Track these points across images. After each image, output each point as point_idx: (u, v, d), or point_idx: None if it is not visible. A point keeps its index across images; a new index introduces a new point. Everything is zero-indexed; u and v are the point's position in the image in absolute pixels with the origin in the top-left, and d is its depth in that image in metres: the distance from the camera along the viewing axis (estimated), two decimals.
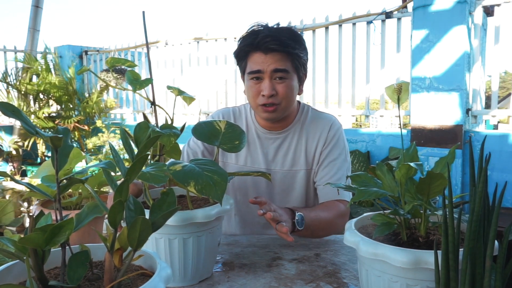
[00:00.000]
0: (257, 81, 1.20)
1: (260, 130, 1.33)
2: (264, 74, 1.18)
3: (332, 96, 3.92)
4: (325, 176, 1.26)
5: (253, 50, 1.19)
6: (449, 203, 0.56)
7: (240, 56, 1.24)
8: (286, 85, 1.19)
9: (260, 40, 1.16)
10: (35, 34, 5.19)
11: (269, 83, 1.17)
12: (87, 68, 0.91)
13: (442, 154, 2.88)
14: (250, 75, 1.20)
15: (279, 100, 1.20)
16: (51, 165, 1.31)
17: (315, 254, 1.07)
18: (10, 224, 1.97)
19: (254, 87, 1.20)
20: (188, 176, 0.72)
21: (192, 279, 0.89)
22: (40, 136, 0.53)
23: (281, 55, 1.17)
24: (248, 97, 1.26)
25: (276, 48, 1.16)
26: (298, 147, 1.30)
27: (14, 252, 0.51)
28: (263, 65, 1.17)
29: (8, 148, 4.84)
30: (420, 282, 0.63)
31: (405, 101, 0.77)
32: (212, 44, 4.65)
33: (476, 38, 2.94)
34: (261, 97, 1.19)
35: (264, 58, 1.17)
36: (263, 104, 1.20)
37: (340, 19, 3.70)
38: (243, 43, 1.22)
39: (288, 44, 1.16)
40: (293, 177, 1.30)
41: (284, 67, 1.17)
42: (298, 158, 1.30)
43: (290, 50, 1.17)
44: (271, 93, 1.17)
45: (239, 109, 1.40)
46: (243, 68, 1.25)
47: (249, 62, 1.21)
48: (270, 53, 1.17)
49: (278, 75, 1.18)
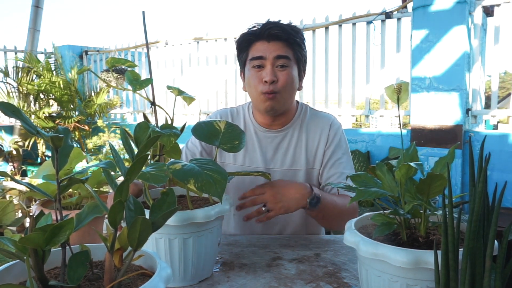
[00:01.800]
0: (258, 69, 1.21)
1: (259, 129, 1.33)
2: (266, 60, 1.20)
3: (332, 96, 3.92)
4: (333, 176, 1.27)
5: (256, 39, 1.21)
6: (449, 203, 0.56)
7: (242, 47, 1.25)
8: (287, 73, 1.21)
9: (263, 28, 1.19)
10: (35, 34, 5.19)
11: (271, 69, 1.19)
12: (87, 68, 0.92)
13: (442, 154, 2.88)
14: (252, 62, 1.22)
15: (279, 88, 1.20)
16: (52, 165, 1.32)
17: (315, 254, 1.07)
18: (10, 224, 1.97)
19: (255, 75, 1.22)
20: (188, 174, 0.72)
21: (192, 279, 0.89)
22: (41, 136, 0.53)
23: (283, 43, 1.20)
24: (249, 87, 1.26)
25: (279, 35, 1.19)
26: (298, 146, 1.30)
27: (14, 252, 0.52)
28: (265, 52, 1.19)
29: (8, 148, 4.84)
30: (420, 282, 0.63)
31: (404, 101, 0.77)
32: (212, 44, 4.65)
33: (476, 38, 2.94)
34: (263, 85, 1.20)
35: (267, 45, 1.20)
36: (264, 93, 1.21)
37: (340, 19, 3.70)
38: (245, 35, 1.24)
39: (290, 33, 1.20)
40: (292, 176, 1.29)
41: (286, 54, 1.20)
42: (299, 157, 1.30)
43: (292, 38, 1.20)
44: (273, 79, 1.19)
45: (237, 109, 1.40)
46: (244, 59, 1.26)
47: (251, 51, 1.23)
48: (272, 40, 1.19)
49: (280, 62, 1.20)
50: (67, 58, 5.63)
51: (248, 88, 1.27)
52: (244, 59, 1.26)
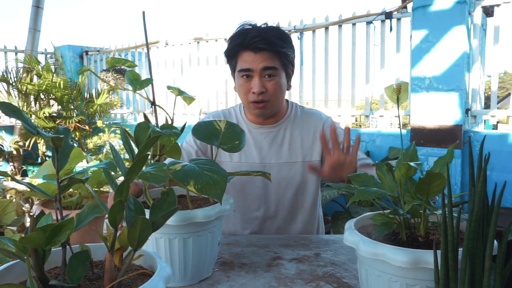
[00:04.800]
0: (247, 79, 1.24)
1: (252, 126, 1.36)
2: (254, 72, 1.22)
3: (332, 96, 3.92)
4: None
5: (243, 49, 1.23)
6: (448, 203, 0.57)
7: (231, 55, 1.28)
8: (275, 82, 1.24)
9: (250, 40, 1.20)
10: (35, 34, 5.18)
11: (259, 80, 1.22)
12: (87, 68, 0.92)
13: (442, 154, 2.86)
14: (240, 73, 1.25)
15: (269, 97, 1.24)
16: (52, 165, 1.32)
17: (315, 254, 1.07)
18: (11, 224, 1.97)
19: (244, 85, 1.25)
20: (188, 175, 0.72)
21: (192, 278, 0.89)
22: (41, 136, 0.53)
23: (269, 53, 1.22)
24: (239, 94, 1.30)
25: (265, 48, 1.20)
26: (292, 140, 1.33)
27: (15, 251, 0.52)
28: (252, 64, 1.22)
29: (8, 148, 4.84)
30: (419, 282, 0.63)
31: (404, 101, 0.78)
32: (212, 44, 4.65)
33: (475, 39, 2.94)
34: (252, 94, 1.24)
35: (254, 56, 1.22)
36: (253, 101, 1.24)
37: (340, 19, 3.70)
38: (233, 42, 1.26)
39: (275, 43, 1.21)
40: (289, 169, 1.31)
41: (273, 64, 1.22)
42: (294, 150, 1.33)
43: (278, 49, 1.22)
44: (261, 90, 1.22)
45: (229, 111, 1.43)
46: (234, 66, 1.29)
47: (239, 60, 1.25)
48: (259, 52, 1.21)
49: (267, 73, 1.22)
50: (67, 58, 5.63)
51: (238, 93, 1.31)
52: (234, 65, 1.29)
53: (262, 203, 1.32)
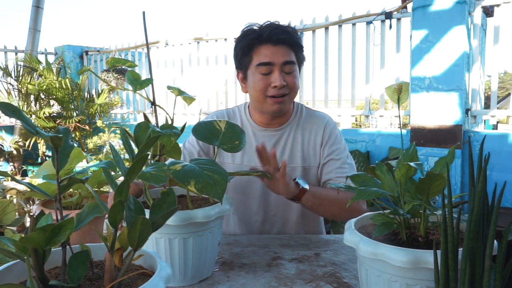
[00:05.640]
0: (265, 74, 1.22)
1: (256, 128, 1.34)
2: (275, 66, 1.21)
3: (332, 96, 3.92)
4: (333, 171, 1.28)
5: (260, 43, 1.22)
6: (448, 203, 0.57)
7: (245, 51, 1.25)
8: (293, 76, 1.24)
9: (270, 32, 1.21)
10: (35, 34, 5.19)
11: (279, 75, 1.21)
12: (87, 68, 0.92)
13: (442, 154, 2.88)
14: (259, 68, 1.22)
15: (289, 91, 1.24)
16: (52, 165, 1.32)
17: (315, 254, 1.07)
18: (11, 224, 1.97)
19: (263, 79, 1.23)
20: (188, 175, 0.72)
21: (192, 279, 0.89)
22: (41, 136, 0.53)
23: (287, 47, 1.23)
24: (253, 90, 1.26)
25: (285, 39, 1.21)
26: (294, 144, 1.32)
27: (15, 251, 0.52)
28: (273, 57, 1.21)
29: (9, 148, 4.84)
30: (419, 282, 0.63)
31: (405, 101, 0.78)
32: (212, 44, 4.65)
33: (475, 39, 2.94)
34: (271, 89, 1.22)
35: (273, 49, 1.21)
36: (272, 96, 1.23)
37: (340, 19, 3.70)
38: (247, 37, 1.24)
39: (293, 36, 1.23)
40: (290, 174, 1.30)
41: (292, 59, 1.23)
42: (295, 155, 1.32)
43: (295, 41, 1.23)
44: (283, 84, 1.21)
45: (233, 110, 1.42)
46: (247, 64, 1.26)
47: (255, 55, 1.23)
48: (278, 44, 1.21)
49: (287, 67, 1.22)
50: (68, 58, 5.63)
51: (252, 91, 1.27)
52: (247, 62, 1.26)
53: (261, 206, 1.32)
